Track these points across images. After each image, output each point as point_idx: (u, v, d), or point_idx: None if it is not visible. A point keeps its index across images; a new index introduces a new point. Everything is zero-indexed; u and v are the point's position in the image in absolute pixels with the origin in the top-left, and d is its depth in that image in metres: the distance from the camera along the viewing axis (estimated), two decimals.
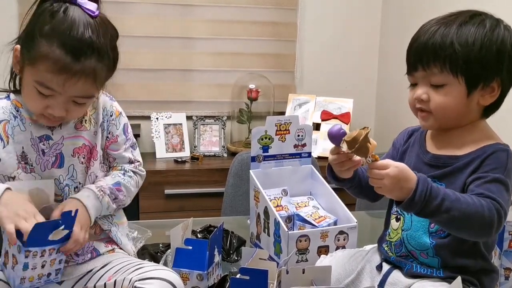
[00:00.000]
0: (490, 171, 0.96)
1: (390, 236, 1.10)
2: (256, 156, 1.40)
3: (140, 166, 1.22)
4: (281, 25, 2.77)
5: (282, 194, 1.37)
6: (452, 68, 0.96)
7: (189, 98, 2.73)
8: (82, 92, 1.02)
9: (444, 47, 0.96)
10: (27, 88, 1.03)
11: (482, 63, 0.96)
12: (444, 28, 0.97)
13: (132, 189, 1.18)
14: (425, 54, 0.98)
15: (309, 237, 1.23)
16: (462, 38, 0.96)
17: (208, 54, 2.71)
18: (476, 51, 0.95)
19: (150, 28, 2.61)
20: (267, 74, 2.73)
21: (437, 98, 0.99)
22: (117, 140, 1.17)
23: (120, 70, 1.10)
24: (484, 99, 0.99)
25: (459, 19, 0.98)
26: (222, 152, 2.65)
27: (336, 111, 2.69)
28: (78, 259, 1.10)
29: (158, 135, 2.60)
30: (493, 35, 0.96)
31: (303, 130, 1.44)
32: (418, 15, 2.50)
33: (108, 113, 1.16)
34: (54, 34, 0.97)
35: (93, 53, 0.99)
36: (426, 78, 1.00)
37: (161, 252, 1.31)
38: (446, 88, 0.98)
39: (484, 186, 0.94)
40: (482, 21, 0.97)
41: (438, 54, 0.96)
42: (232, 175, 1.96)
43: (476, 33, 0.96)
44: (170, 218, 2.11)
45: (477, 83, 0.97)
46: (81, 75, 0.98)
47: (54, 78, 0.98)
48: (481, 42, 0.95)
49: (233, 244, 1.36)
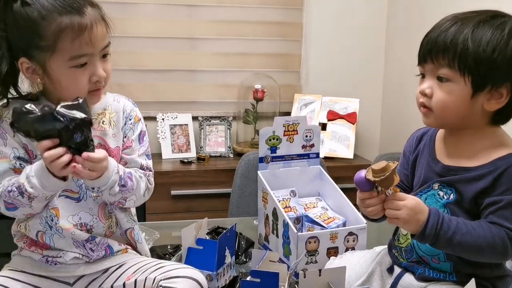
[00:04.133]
0: (504, 193, 0.94)
1: (400, 242, 1.09)
2: (264, 157, 1.39)
3: (151, 177, 1.19)
4: (286, 25, 2.76)
5: (290, 195, 1.36)
6: (460, 65, 0.93)
7: (195, 98, 2.72)
8: (105, 39, 1.05)
9: (456, 42, 0.93)
10: (65, 77, 1.03)
11: (492, 66, 0.92)
12: (461, 23, 0.95)
13: (140, 189, 1.14)
14: (435, 47, 0.96)
15: (319, 239, 1.22)
16: (477, 36, 0.93)
17: (213, 54, 2.70)
18: (489, 52, 0.92)
19: (155, 29, 2.61)
20: (272, 74, 2.72)
21: (439, 94, 0.97)
22: (132, 145, 1.16)
23: (126, 71, 1.12)
24: (490, 104, 0.96)
25: (478, 17, 0.95)
26: (228, 153, 2.64)
27: (342, 111, 2.68)
28: (93, 254, 1.10)
29: (164, 136, 2.60)
30: (510, 40, 0.93)
31: (311, 131, 1.43)
32: (424, 15, 2.49)
33: (128, 116, 1.16)
34: (45, 9, 0.98)
35: (85, 1, 1.02)
36: (434, 71, 0.98)
37: (169, 254, 1.30)
38: (451, 85, 0.95)
39: (499, 213, 0.94)
40: (503, 23, 0.94)
41: (448, 49, 0.94)
42: (239, 176, 1.95)
43: (492, 35, 0.92)
44: (176, 219, 2.12)
45: (484, 85, 0.94)
46: (95, 23, 1.02)
47: (80, 41, 1.00)
48: (495, 44, 0.92)
49: (242, 245, 1.35)
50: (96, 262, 1.11)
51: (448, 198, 1.00)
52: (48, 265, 1.08)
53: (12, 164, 1.06)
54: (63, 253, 1.08)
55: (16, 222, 1.12)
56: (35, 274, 1.08)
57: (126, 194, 1.11)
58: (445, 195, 1.01)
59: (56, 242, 1.08)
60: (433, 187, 1.03)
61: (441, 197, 1.01)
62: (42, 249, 1.10)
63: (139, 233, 1.18)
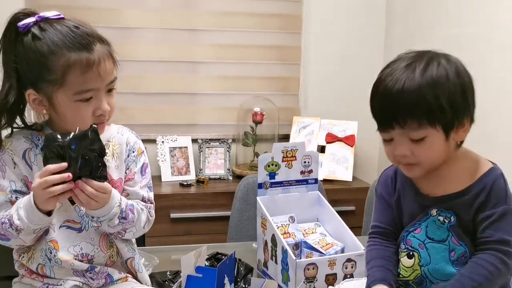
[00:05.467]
0: (495, 206, 0.99)
1: (403, 275, 1.08)
2: (263, 182, 1.40)
3: (152, 209, 1.21)
4: (285, 49, 2.80)
5: (289, 221, 1.37)
6: (430, 121, 0.96)
7: (194, 121, 2.74)
8: (111, 74, 1.07)
9: (418, 103, 0.95)
10: (70, 110, 1.05)
11: (453, 107, 0.96)
12: (410, 81, 0.95)
13: (141, 222, 1.16)
14: (399, 113, 0.96)
15: (317, 265, 1.23)
16: (431, 88, 0.95)
17: (213, 77, 2.73)
18: (447, 98, 0.95)
19: (155, 53, 2.64)
20: (271, 97, 2.75)
21: (421, 152, 0.99)
22: (134, 177, 1.18)
23: (126, 94, 1.15)
24: (459, 136, 1.01)
25: (417, 69, 0.97)
26: (228, 175, 2.66)
27: (341, 133, 2.70)
28: (93, 283, 1.10)
29: (164, 159, 2.61)
30: (454, 76, 0.97)
31: (310, 157, 1.44)
32: (422, 39, 2.53)
33: (131, 149, 1.18)
34: (55, 45, 1.01)
35: (93, 38, 1.05)
36: (404, 134, 0.98)
37: (169, 281, 1.31)
38: (427, 140, 0.97)
39: (493, 226, 0.99)
40: (439, 64, 0.97)
41: (413, 112, 0.95)
42: (238, 200, 1.96)
43: (441, 79, 0.96)
44: (175, 241, 2.12)
45: (452, 126, 0.98)
46: (103, 59, 1.04)
47: (88, 77, 1.02)
48: (448, 88, 0.96)
49: (241, 271, 1.36)
50: None
51: (450, 221, 1.03)
52: None
53: (8, 198, 1.07)
54: (64, 281, 1.09)
55: (16, 252, 1.13)
56: None
57: (126, 226, 1.12)
58: (446, 219, 1.03)
59: (56, 272, 1.09)
60: (431, 214, 1.05)
61: (442, 222, 1.03)
62: (43, 277, 1.10)
63: (140, 262, 1.19)
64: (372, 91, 1.03)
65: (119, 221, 1.09)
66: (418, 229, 1.06)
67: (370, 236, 1.14)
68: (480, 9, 2.11)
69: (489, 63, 2.03)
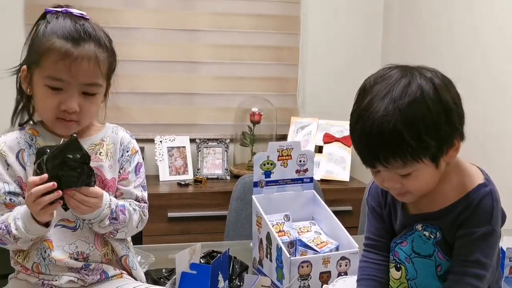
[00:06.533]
0: (478, 225, 0.95)
1: (391, 286, 1.07)
2: (259, 181, 1.41)
3: (145, 208, 1.21)
4: (283, 50, 2.81)
5: (284, 219, 1.38)
6: (414, 158, 0.90)
7: (192, 121, 2.75)
8: (89, 77, 1.06)
9: (399, 143, 0.88)
10: (39, 92, 1.07)
11: (439, 138, 0.90)
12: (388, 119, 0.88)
13: (133, 221, 1.16)
14: (380, 154, 0.90)
15: (311, 263, 1.24)
16: (411, 125, 0.87)
17: (211, 78, 2.75)
18: (431, 131, 0.89)
19: (154, 53, 2.66)
20: (269, 98, 2.76)
21: (412, 184, 0.94)
22: (128, 177, 1.19)
23: (124, 94, 1.15)
24: (450, 157, 0.95)
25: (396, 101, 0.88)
26: (225, 175, 2.67)
27: (338, 133, 2.71)
28: (88, 278, 1.11)
29: (162, 158, 2.62)
30: (434, 101, 0.89)
31: (305, 156, 1.45)
32: (419, 41, 2.54)
33: (125, 148, 1.18)
34: (52, 31, 1.05)
35: (90, 38, 1.06)
36: (391, 171, 0.93)
37: (164, 278, 1.31)
38: (415, 174, 0.93)
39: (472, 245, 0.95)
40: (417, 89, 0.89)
41: (395, 152, 0.89)
42: (235, 199, 1.97)
43: (421, 112, 0.88)
44: (173, 241, 2.12)
45: (441, 153, 0.93)
46: (83, 57, 1.04)
47: (60, 66, 1.03)
48: (431, 120, 0.88)
49: (236, 269, 1.36)
50: (91, 287, 1.12)
51: (436, 237, 1.00)
52: None
53: (2, 200, 1.08)
54: (59, 276, 1.10)
55: (12, 250, 1.14)
56: None
57: (117, 226, 1.13)
58: (431, 234, 1.01)
59: (51, 270, 1.11)
60: (416, 229, 1.02)
61: (428, 237, 1.01)
62: (38, 273, 1.11)
63: (134, 259, 1.19)
64: (350, 124, 0.97)
65: (109, 222, 1.10)
66: (404, 243, 1.05)
67: (364, 248, 1.12)
68: (476, 14, 2.13)
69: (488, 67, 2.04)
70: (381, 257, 1.09)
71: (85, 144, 1.13)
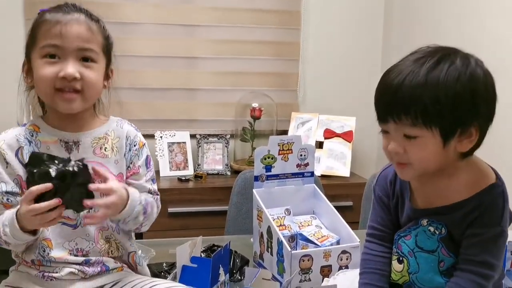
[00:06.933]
0: (488, 225, 0.94)
1: (393, 278, 1.07)
2: (259, 175, 1.41)
3: (158, 200, 1.22)
4: (284, 45, 2.80)
5: (285, 213, 1.38)
6: (425, 122, 0.89)
7: (193, 116, 2.75)
8: (82, 41, 1.06)
9: (414, 100, 0.88)
10: (37, 67, 1.06)
11: (456, 113, 0.88)
12: (412, 77, 0.89)
13: (154, 214, 1.18)
14: (394, 107, 0.91)
15: (312, 257, 1.23)
16: (432, 89, 0.87)
17: (211, 73, 2.74)
18: (449, 101, 0.88)
19: (154, 48, 2.65)
20: (270, 93, 2.75)
21: (413, 151, 0.93)
22: (139, 171, 1.18)
23: (124, 89, 1.14)
24: (462, 145, 0.93)
25: (427, 64, 0.89)
26: (226, 171, 2.66)
27: (339, 129, 2.71)
28: (88, 270, 1.11)
29: (162, 154, 2.62)
30: (465, 79, 0.88)
31: (306, 150, 1.45)
32: (420, 34, 2.53)
33: (132, 143, 1.17)
34: (46, 11, 1.08)
35: (81, 10, 1.09)
36: (398, 129, 0.93)
37: (165, 272, 1.31)
38: (420, 140, 0.91)
39: (480, 246, 0.94)
40: (452, 63, 0.89)
41: (407, 108, 0.89)
42: (236, 194, 1.97)
43: (447, 82, 0.87)
44: (173, 236, 2.12)
45: (453, 132, 0.91)
46: (73, 22, 1.06)
47: (52, 32, 1.04)
48: (453, 91, 0.87)
49: (237, 263, 1.36)
50: (92, 279, 1.12)
51: (441, 233, 1.00)
52: (44, 281, 1.10)
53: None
54: (59, 268, 1.10)
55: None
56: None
57: (146, 220, 1.15)
58: (436, 230, 1.00)
59: (52, 264, 1.10)
60: (421, 224, 1.02)
61: (432, 232, 1.00)
62: (39, 265, 1.11)
63: (140, 256, 1.20)
64: (379, 81, 0.97)
65: (143, 217, 1.12)
66: (408, 236, 1.04)
67: (367, 238, 1.12)
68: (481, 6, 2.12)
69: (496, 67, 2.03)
70: (384, 249, 1.08)
71: (88, 138, 1.12)
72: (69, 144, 1.11)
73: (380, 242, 1.09)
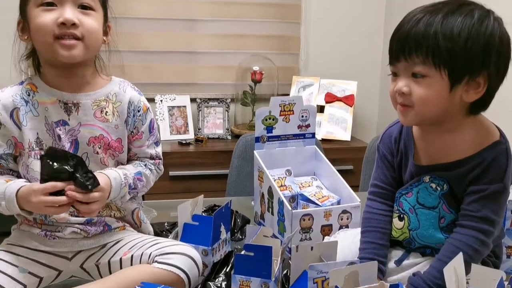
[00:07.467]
0: (490, 182, 0.95)
1: (393, 235, 1.08)
2: (260, 136, 1.40)
3: (160, 164, 1.23)
4: (285, 7, 2.75)
5: (286, 174, 1.38)
6: (435, 60, 0.90)
7: (193, 80, 2.73)
8: None
9: (427, 37, 0.90)
10: (34, 17, 1.03)
11: (467, 57, 0.89)
12: (429, 16, 0.91)
13: (150, 182, 1.20)
14: (407, 43, 0.93)
15: (313, 216, 1.24)
16: (447, 28, 0.89)
17: (212, 36, 2.70)
18: (462, 43, 0.89)
19: (154, 10, 2.61)
20: (271, 56, 2.72)
21: (418, 91, 0.93)
22: (142, 136, 1.18)
23: (124, 52, 1.12)
24: (468, 95, 0.93)
25: (446, 8, 0.92)
26: (226, 135, 2.66)
27: (340, 93, 2.69)
28: (91, 229, 1.11)
29: (163, 117, 2.61)
30: (481, 27, 0.90)
31: (307, 111, 1.44)
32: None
33: (135, 108, 1.15)
34: None
35: None
36: (408, 68, 0.94)
37: (167, 231, 1.33)
38: (427, 80, 0.92)
39: (481, 202, 0.96)
40: (471, 11, 0.91)
41: (420, 44, 0.91)
42: (236, 157, 1.97)
43: (463, 24, 0.89)
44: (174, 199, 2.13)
45: (461, 77, 0.91)
46: None
47: None
48: (467, 34, 0.89)
49: (238, 223, 1.37)
50: (94, 238, 1.13)
51: (442, 189, 1.01)
52: (47, 240, 1.10)
53: None
54: (62, 227, 1.10)
55: None
56: (33, 248, 1.10)
57: (137, 192, 1.17)
58: (438, 186, 1.01)
59: (54, 223, 1.11)
60: (424, 180, 1.03)
61: (434, 189, 1.01)
62: (41, 224, 1.12)
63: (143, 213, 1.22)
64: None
65: (130, 195, 1.14)
66: (410, 193, 1.05)
67: (369, 197, 1.12)
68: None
69: None
70: (386, 207, 1.09)
71: (89, 100, 1.11)
72: (68, 105, 1.09)
73: (382, 200, 1.10)
